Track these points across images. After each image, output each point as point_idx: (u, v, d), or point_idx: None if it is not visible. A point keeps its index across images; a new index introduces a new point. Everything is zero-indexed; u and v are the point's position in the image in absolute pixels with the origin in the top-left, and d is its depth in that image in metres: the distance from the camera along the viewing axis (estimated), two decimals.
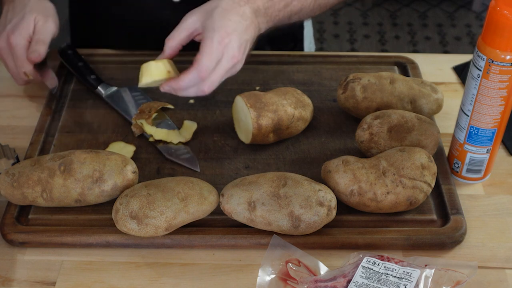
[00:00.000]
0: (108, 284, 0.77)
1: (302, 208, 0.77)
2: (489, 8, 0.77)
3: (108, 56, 1.13)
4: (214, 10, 0.89)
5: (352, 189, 0.80)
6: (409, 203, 0.81)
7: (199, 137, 0.97)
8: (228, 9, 0.89)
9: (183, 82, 0.87)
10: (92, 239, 0.81)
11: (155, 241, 0.80)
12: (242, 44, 0.88)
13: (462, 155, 0.88)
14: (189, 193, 0.79)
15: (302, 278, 0.74)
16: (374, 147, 0.88)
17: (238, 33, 0.88)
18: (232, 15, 0.88)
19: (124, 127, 0.98)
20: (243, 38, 0.88)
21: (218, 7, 0.89)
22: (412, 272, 0.72)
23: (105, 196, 0.82)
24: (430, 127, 0.88)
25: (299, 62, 1.11)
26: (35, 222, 0.83)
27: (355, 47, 2.72)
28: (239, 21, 0.88)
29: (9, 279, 0.78)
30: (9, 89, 1.08)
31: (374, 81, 0.95)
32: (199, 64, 0.86)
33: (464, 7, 2.95)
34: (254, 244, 0.80)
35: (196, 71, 0.86)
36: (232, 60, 0.88)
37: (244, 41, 0.89)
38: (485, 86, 0.80)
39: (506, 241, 0.82)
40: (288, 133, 0.94)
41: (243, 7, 0.90)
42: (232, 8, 0.89)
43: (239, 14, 0.89)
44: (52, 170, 0.81)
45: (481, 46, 0.79)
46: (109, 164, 0.82)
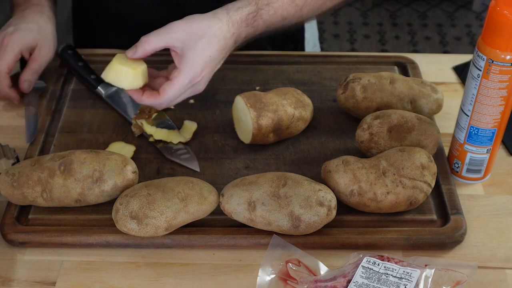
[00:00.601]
0: (108, 284, 0.77)
1: (302, 208, 0.77)
2: (489, 8, 0.77)
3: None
4: (199, 40, 0.88)
5: (352, 189, 0.80)
6: (409, 203, 0.81)
7: (199, 137, 0.97)
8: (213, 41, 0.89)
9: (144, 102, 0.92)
10: (92, 239, 0.81)
11: (155, 241, 0.80)
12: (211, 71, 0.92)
13: (462, 155, 0.88)
14: (189, 193, 0.79)
15: (302, 278, 0.74)
16: (374, 147, 0.88)
17: (211, 69, 0.92)
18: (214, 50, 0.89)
19: (124, 127, 0.98)
20: (214, 70, 0.93)
21: (205, 37, 0.89)
22: (412, 272, 0.72)
23: (105, 196, 0.82)
24: (430, 127, 0.88)
25: (299, 62, 1.11)
26: (35, 222, 0.83)
27: (355, 47, 2.72)
28: (216, 57, 0.90)
29: (9, 279, 0.78)
30: None
31: (374, 81, 0.95)
32: (163, 96, 0.90)
33: (464, 7, 2.95)
34: (254, 244, 0.80)
35: (159, 99, 0.91)
36: (195, 92, 0.93)
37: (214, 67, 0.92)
38: (485, 86, 0.80)
39: (506, 241, 0.82)
40: (288, 133, 0.94)
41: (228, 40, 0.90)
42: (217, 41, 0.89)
43: (220, 48, 0.90)
44: (52, 170, 0.81)
45: (481, 46, 0.79)
46: (109, 164, 0.82)
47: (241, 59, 1.10)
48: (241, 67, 1.10)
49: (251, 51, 1.11)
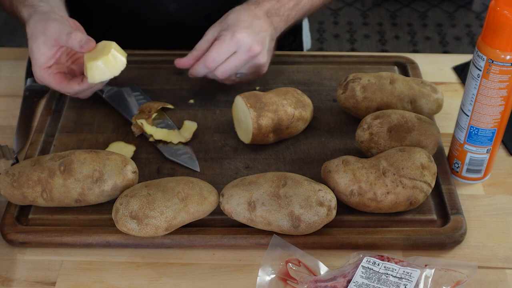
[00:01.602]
0: (108, 284, 0.77)
1: (302, 208, 0.77)
2: (489, 8, 0.77)
3: None
4: (229, 15, 0.96)
5: (352, 189, 0.80)
6: (409, 203, 0.81)
7: (199, 137, 0.97)
8: (241, 10, 0.96)
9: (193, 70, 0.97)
10: (92, 239, 0.81)
11: (155, 241, 0.80)
12: (258, 39, 0.94)
13: (462, 155, 0.88)
14: (189, 193, 0.79)
15: (302, 278, 0.74)
16: (374, 147, 0.88)
17: (251, 29, 0.94)
18: (244, 15, 0.95)
19: (124, 127, 0.98)
20: (259, 34, 0.94)
21: (232, 11, 0.96)
22: (412, 272, 0.72)
23: (105, 196, 0.82)
24: (430, 127, 0.88)
25: (299, 62, 1.11)
26: (35, 222, 0.83)
27: (355, 47, 2.72)
28: (251, 20, 0.95)
29: (9, 279, 0.78)
30: (9, 89, 1.08)
31: (374, 81, 0.95)
32: (206, 56, 0.94)
33: (464, 7, 2.95)
34: (254, 244, 0.80)
35: (203, 62, 0.95)
36: (249, 53, 0.94)
37: (261, 37, 0.95)
38: (485, 86, 0.80)
39: (506, 241, 0.82)
40: (288, 133, 0.94)
41: (254, 10, 0.96)
42: (244, 10, 0.96)
43: (251, 14, 0.95)
44: (52, 170, 0.81)
45: (481, 46, 0.79)
46: (109, 164, 0.82)
47: None
48: None
49: None
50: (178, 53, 1.04)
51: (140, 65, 1.10)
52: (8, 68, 1.13)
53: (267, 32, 0.96)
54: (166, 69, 1.10)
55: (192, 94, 1.05)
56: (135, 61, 1.12)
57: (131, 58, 1.12)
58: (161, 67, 1.10)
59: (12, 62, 1.14)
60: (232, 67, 0.95)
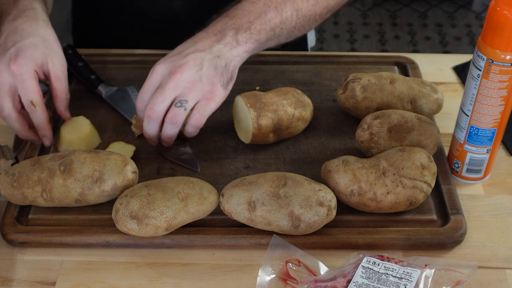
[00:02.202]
0: (108, 284, 0.77)
1: (302, 208, 0.77)
2: (489, 8, 0.77)
3: (108, 56, 1.13)
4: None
5: (352, 189, 0.80)
6: (409, 203, 0.81)
7: (199, 137, 0.97)
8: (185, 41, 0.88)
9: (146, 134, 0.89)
10: (92, 239, 0.81)
11: (155, 241, 0.80)
12: (183, 60, 0.85)
13: (462, 155, 0.88)
14: (189, 193, 0.79)
15: (302, 278, 0.74)
16: (374, 147, 0.88)
17: (175, 56, 0.86)
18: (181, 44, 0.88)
19: (124, 127, 0.98)
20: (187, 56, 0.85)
21: None
22: (412, 272, 0.72)
23: (105, 196, 0.82)
24: (430, 127, 0.88)
25: (299, 62, 1.11)
26: (35, 222, 0.83)
27: (355, 47, 2.72)
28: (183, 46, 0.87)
29: (9, 279, 0.78)
30: None
31: (374, 81, 0.95)
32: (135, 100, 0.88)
33: (464, 7, 2.95)
34: (254, 244, 0.80)
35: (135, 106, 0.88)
36: (171, 76, 0.84)
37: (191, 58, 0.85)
38: (485, 86, 0.80)
39: (506, 241, 0.82)
40: (288, 133, 0.94)
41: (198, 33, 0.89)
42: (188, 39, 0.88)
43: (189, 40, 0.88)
44: (52, 170, 0.81)
45: (481, 46, 0.79)
46: (109, 164, 0.82)
47: None
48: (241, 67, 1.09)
49: None
50: None
51: (140, 65, 1.10)
52: None
53: (204, 51, 0.86)
54: None
55: None
56: (135, 61, 1.12)
57: (131, 58, 1.13)
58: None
59: None
60: (158, 98, 0.84)
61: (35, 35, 0.89)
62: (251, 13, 0.90)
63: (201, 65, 0.85)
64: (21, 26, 0.89)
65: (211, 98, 0.87)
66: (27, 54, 0.87)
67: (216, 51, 0.87)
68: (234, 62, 0.89)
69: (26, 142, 0.96)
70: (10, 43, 0.87)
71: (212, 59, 0.86)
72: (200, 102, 0.87)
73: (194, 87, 0.85)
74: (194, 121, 0.88)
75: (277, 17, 0.92)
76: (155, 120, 0.86)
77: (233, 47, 0.88)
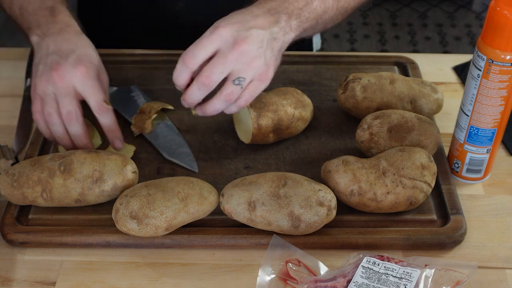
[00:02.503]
0: (108, 284, 0.77)
1: (302, 208, 0.77)
2: (489, 8, 0.77)
3: (108, 56, 1.13)
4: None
5: (352, 189, 0.80)
6: (409, 203, 0.81)
7: (199, 137, 0.97)
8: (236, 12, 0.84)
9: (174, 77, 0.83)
10: (92, 239, 0.81)
11: (155, 241, 0.80)
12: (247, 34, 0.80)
13: (462, 155, 0.88)
14: (189, 193, 0.79)
15: (302, 278, 0.74)
16: (374, 147, 0.88)
17: (240, 24, 0.81)
18: (237, 15, 0.83)
19: (124, 127, 0.98)
20: (250, 30, 0.80)
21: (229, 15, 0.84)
22: (412, 272, 0.72)
23: (105, 196, 0.82)
24: (430, 127, 0.88)
25: (299, 62, 1.11)
26: (35, 222, 0.83)
27: (355, 47, 2.72)
28: (243, 17, 0.82)
29: (9, 279, 0.78)
30: (9, 89, 1.08)
31: (374, 81, 0.95)
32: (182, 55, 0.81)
33: (464, 7, 2.95)
34: (254, 244, 0.80)
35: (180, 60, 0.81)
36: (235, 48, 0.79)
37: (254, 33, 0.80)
38: (485, 86, 0.80)
39: (506, 241, 0.82)
40: (288, 133, 0.94)
41: (252, 9, 0.84)
42: (240, 11, 0.84)
43: (246, 13, 0.83)
44: (52, 170, 0.81)
45: (481, 46, 0.79)
46: (109, 164, 0.82)
47: None
48: None
49: None
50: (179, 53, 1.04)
51: (140, 65, 1.10)
52: (8, 68, 1.13)
53: (264, 29, 0.82)
54: (166, 69, 1.09)
55: None
56: (135, 61, 1.12)
57: (131, 58, 1.13)
58: (161, 67, 1.10)
59: (12, 62, 1.14)
60: (218, 70, 0.80)
61: (88, 47, 0.89)
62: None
63: (262, 42, 0.81)
64: (72, 38, 0.89)
65: (263, 80, 0.83)
66: (90, 60, 0.87)
67: (275, 33, 0.83)
68: (284, 47, 0.86)
69: (26, 142, 0.96)
70: (67, 51, 0.86)
71: (270, 40, 0.83)
72: (253, 81, 0.83)
73: (254, 64, 0.81)
74: (243, 102, 0.84)
75: (321, 6, 0.90)
76: (208, 89, 0.81)
77: (286, 32, 0.85)
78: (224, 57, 0.79)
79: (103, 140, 0.95)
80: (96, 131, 0.94)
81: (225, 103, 0.83)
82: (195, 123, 0.99)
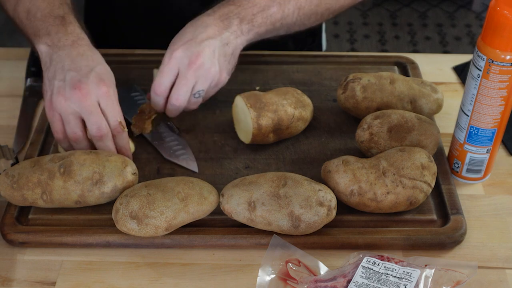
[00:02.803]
0: (108, 284, 0.77)
1: (302, 208, 0.77)
2: (489, 8, 0.77)
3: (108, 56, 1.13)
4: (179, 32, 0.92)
5: (352, 189, 0.80)
6: (409, 203, 0.81)
7: (199, 137, 0.97)
8: (189, 24, 0.91)
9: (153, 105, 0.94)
10: (92, 239, 0.81)
11: (155, 241, 0.80)
12: (200, 50, 0.88)
13: (462, 155, 0.88)
14: (189, 193, 0.79)
15: (302, 278, 0.74)
16: (374, 147, 0.88)
17: (192, 41, 0.88)
18: (189, 28, 0.91)
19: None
20: (201, 43, 0.88)
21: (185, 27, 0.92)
22: (412, 272, 0.72)
23: (105, 198, 0.82)
24: (430, 127, 0.88)
25: (299, 62, 1.11)
26: (35, 222, 0.83)
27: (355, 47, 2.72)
28: (194, 31, 0.89)
29: (9, 279, 0.78)
30: (9, 89, 1.08)
31: (374, 81, 0.95)
32: (153, 85, 0.91)
33: (464, 7, 2.95)
34: (254, 244, 0.80)
35: (153, 91, 0.91)
36: (191, 67, 0.88)
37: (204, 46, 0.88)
38: (485, 86, 0.80)
39: (506, 241, 0.82)
40: (288, 133, 0.94)
41: (203, 18, 0.91)
42: (193, 22, 0.91)
43: (197, 25, 0.90)
44: (52, 172, 0.81)
45: (481, 46, 0.79)
46: (109, 166, 0.82)
47: (241, 59, 1.09)
48: (241, 67, 1.09)
49: (251, 51, 1.11)
50: None
51: (140, 65, 1.10)
52: (8, 68, 1.13)
53: (215, 38, 0.89)
54: None
55: None
56: (135, 61, 1.12)
57: (131, 58, 1.13)
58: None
59: (12, 62, 1.14)
60: (183, 89, 0.89)
61: (103, 63, 0.89)
62: (256, 5, 0.93)
63: (214, 52, 0.90)
64: (87, 53, 0.88)
65: (216, 85, 0.93)
66: (109, 78, 0.87)
67: (225, 39, 0.91)
68: (237, 50, 0.94)
69: (26, 142, 0.96)
70: (86, 68, 0.86)
71: (222, 47, 0.91)
72: (209, 89, 0.93)
73: (209, 74, 0.90)
74: (194, 105, 0.94)
75: (279, 13, 0.95)
76: (180, 107, 0.92)
77: (238, 36, 0.92)
78: (184, 78, 0.89)
79: None
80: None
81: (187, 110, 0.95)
82: (195, 123, 0.99)
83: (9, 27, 2.75)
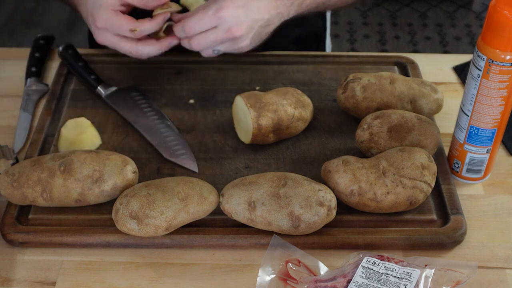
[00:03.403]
0: (108, 284, 0.77)
1: (302, 208, 0.77)
2: (489, 8, 0.77)
3: (108, 56, 1.13)
4: None
5: (352, 189, 0.80)
6: (409, 203, 0.81)
7: (199, 137, 0.97)
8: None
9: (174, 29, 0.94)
10: (92, 239, 0.81)
11: (155, 241, 0.80)
12: (244, 22, 0.90)
13: (462, 155, 0.88)
14: (189, 193, 0.79)
15: (302, 278, 0.74)
16: (374, 147, 0.88)
17: (242, 10, 0.90)
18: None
19: (124, 127, 0.98)
20: (249, 17, 0.90)
21: None
22: (412, 272, 0.72)
23: (105, 196, 0.82)
24: (430, 127, 0.88)
25: (299, 62, 1.11)
26: (35, 222, 0.83)
27: (355, 47, 2.72)
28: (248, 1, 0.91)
29: (9, 279, 0.78)
30: (9, 89, 1.08)
31: (374, 81, 0.95)
32: (186, 20, 0.92)
33: (464, 7, 2.95)
34: (254, 244, 0.80)
35: (182, 24, 0.92)
36: (227, 33, 0.91)
37: (250, 21, 0.91)
38: (485, 86, 0.80)
39: (506, 241, 0.82)
40: (288, 133, 0.94)
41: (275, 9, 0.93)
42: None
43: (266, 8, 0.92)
44: (52, 170, 0.81)
45: (481, 46, 0.79)
46: (109, 164, 0.82)
47: (241, 59, 1.10)
48: (241, 67, 1.10)
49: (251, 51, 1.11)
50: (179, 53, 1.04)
51: (140, 65, 1.10)
52: (8, 68, 1.13)
53: (263, 16, 0.92)
54: (166, 69, 1.10)
55: (192, 94, 1.05)
56: (135, 61, 1.12)
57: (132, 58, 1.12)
58: (161, 67, 1.10)
59: (12, 62, 1.14)
60: (208, 41, 0.92)
61: None
62: None
63: (253, 30, 0.92)
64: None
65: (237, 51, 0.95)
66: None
67: (271, 20, 0.94)
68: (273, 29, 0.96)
69: (26, 142, 0.96)
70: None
71: (263, 27, 0.93)
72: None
73: (237, 45, 0.93)
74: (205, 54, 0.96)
75: None
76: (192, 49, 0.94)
77: (282, 17, 0.95)
78: (215, 36, 0.91)
79: (103, 140, 0.96)
80: (96, 131, 0.94)
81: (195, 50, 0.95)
82: (195, 123, 0.99)
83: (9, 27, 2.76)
